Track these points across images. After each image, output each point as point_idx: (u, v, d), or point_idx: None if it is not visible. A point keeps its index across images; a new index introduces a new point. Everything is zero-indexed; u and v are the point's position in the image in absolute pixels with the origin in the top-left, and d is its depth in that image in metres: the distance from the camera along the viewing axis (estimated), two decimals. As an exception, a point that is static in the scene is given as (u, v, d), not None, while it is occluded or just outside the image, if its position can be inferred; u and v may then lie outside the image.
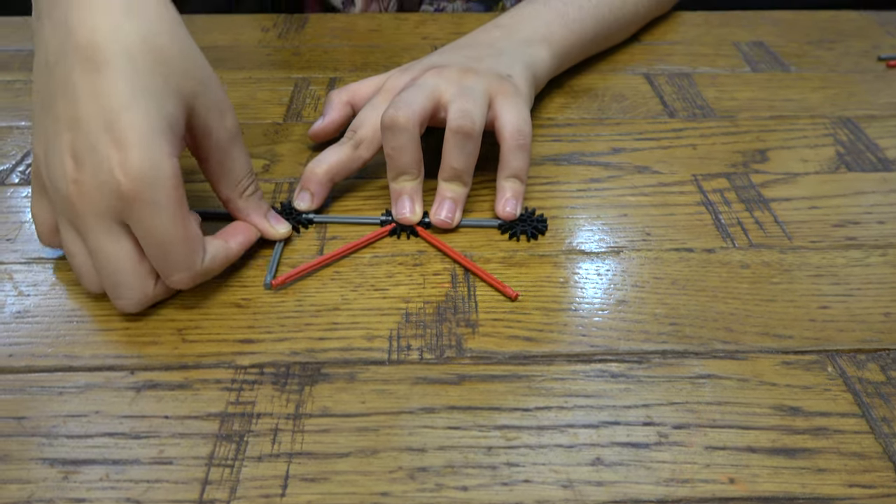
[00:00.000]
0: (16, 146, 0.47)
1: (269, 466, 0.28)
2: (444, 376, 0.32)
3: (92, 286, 0.33)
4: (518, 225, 0.39)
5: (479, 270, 0.36)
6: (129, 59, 0.30)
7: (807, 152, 0.47)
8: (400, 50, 0.60)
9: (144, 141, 0.29)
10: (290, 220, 0.39)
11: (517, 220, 0.40)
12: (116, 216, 0.30)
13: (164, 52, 0.31)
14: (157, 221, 0.30)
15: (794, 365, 0.32)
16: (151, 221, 0.30)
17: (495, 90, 0.41)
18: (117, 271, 0.31)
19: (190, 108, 0.32)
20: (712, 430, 0.29)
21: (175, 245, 0.31)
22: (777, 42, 0.62)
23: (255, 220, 0.37)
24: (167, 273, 0.32)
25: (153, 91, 0.30)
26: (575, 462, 0.28)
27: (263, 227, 0.37)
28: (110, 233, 0.31)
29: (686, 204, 0.42)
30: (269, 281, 0.36)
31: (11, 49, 0.60)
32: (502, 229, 0.40)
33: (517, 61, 0.46)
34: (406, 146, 0.38)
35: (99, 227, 0.30)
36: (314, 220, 0.40)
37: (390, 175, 0.40)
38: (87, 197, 0.30)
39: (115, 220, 0.30)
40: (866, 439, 0.29)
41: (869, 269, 0.37)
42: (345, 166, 0.41)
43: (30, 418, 0.30)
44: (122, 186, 0.29)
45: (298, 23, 0.65)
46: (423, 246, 0.39)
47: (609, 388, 0.31)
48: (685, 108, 0.52)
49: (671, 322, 0.34)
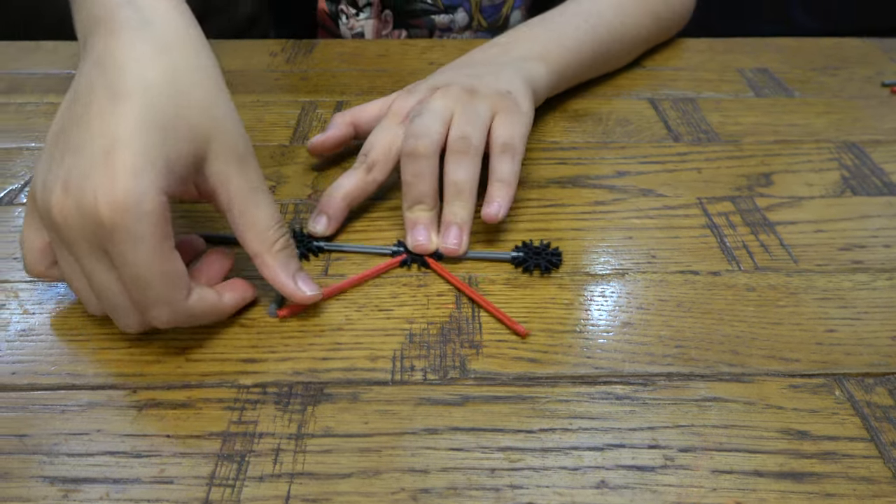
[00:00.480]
0: (25, 167, 0.48)
1: (271, 486, 0.28)
2: (447, 397, 0.31)
3: (93, 309, 0.33)
4: (532, 258, 0.39)
5: (489, 305, 0.36)
6: (146, 94, 0.30)
7: (812, 176, 0.47)
8: (407, 75, 0.61)
9: (134, 172, 0.29)
10: (301, 248, 0.39)
11: (531, 254, 0.39)
12: (100, 245, 0.30)
13: (184, 93, 0.31)
14: (135, 254, 0.29)
15: (801, 388, 0.32)
16: (129, 254, 0.29)
17: (497, 107, 0.42)
18: (112, 297, 0.31)
19: (203, 152, 0.32)
20: (719, 453, 0.29)
21: (152, 280, 0.30)
22: (781, 68, 0.62)
23: (282, 280, 0.34)
24: (144, 308, 0.31)
25: (161, 126, 0.30)
26: (579, 485, 0.28)
27: (289, 288, 0.34)
28: (101, 260, 0.30)
29: (691, 227, 0.42)
30: (275, 311, 0.35)
31: (24, 72, 0.61)
32: (515, 263, 0.39)
33: (516, 76, 0.46)
34: (425, 173, 0.39)
35: (90, 254, 0.30)
36: (324, 248, 0.40)
37: (406, 203, 0.40)
38: (69, 221, 0.29)
39: (100, 247, 0.30)
40: (875, 464, 0.29)
41: (875, 292, 0.37)
42: (361, 190, 0.41)
43: (31, 436, 0.29)
44: (101, 215, 0.28)
45: (307, 48, 0.66)
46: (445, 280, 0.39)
47: (614, 411, 0.31)
48: (690, 133, 0.52)
49: (676, 344, 0.34)
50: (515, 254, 0.39)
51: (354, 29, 0.71)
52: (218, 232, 0.40)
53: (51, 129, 0.32)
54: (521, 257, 0.39)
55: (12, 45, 0.66)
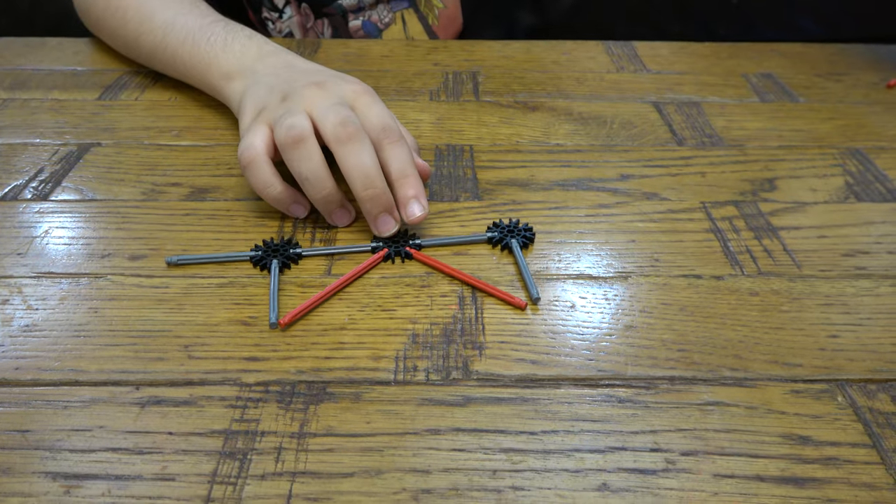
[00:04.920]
0: (30, 162, 0.48)
1: (272, 485, 0.28)
2: (449, 398, 0.31)
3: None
4: (507, 236, 0.40)
5: (483, 284, 0.36)
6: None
7: (816, 182, 0.47)
8: (411, 76, 0.61)
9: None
10: (279, 257, 0.39)
11: (505, 232, 0.41)
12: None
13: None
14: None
15: (803, 394, 0.32)
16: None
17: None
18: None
19: None
20: (720, 457, 0.29)
21: None
22: (785, 74, 0.62)
23: None
24: None
25: None
26: (581, 487, 0.28)
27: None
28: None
29: (695, 231, 0.42)
30: (276, 320, 0.35)
31: (29, 68, 0.61)
32: (493, 242, 0.40)
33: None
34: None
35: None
36: (303, 254, 0.40)
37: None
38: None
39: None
40: (877, 470, 0.29)
41: (879, 298, 0.37)
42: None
43: (34, 431, 0.29)
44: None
45: (312, 48, 0.66)
46: (430, 268, 0.39)
47: (616, 414, 0.31)
48: (694, 137, 0.52)
49: (679, 348, 0.34)
50: (490, 234, 0.41)
51: (283, 31, 0.72)
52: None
53: (254, 92, 0.45)
54: (496, 236, 0.40)
55: (17, 41, 0.66)
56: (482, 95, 0.58)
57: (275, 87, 0.45)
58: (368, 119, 0.41)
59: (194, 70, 0.53)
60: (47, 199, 0.44)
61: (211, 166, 0.48)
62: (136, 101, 0.56)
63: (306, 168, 0.39)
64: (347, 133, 0.39)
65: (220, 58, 0.51)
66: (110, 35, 0.61)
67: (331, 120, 0.39)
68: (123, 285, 0.37)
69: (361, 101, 0.42)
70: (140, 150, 0.50)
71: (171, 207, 0.44)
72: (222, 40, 0.51)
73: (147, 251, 0.40)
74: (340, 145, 0.39)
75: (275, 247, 0.40)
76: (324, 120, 0.40)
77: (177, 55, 0.54)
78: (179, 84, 0.57)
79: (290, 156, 0.39)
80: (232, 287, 0.37)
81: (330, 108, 0.40)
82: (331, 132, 0.39)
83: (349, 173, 0.39)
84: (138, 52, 0.58)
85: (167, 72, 0.57)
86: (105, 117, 0.54)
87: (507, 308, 0.36)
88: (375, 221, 0.40)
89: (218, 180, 0.46)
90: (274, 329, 0.35)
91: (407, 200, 0.40)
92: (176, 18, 0.55)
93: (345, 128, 0.39)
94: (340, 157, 0.39)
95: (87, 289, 0.37)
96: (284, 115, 0.40)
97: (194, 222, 0.42)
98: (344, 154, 0.39)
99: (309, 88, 0.43)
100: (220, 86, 0.51)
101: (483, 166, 0.48)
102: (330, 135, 0.39)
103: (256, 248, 0.40)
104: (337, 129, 0.39)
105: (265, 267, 0.39)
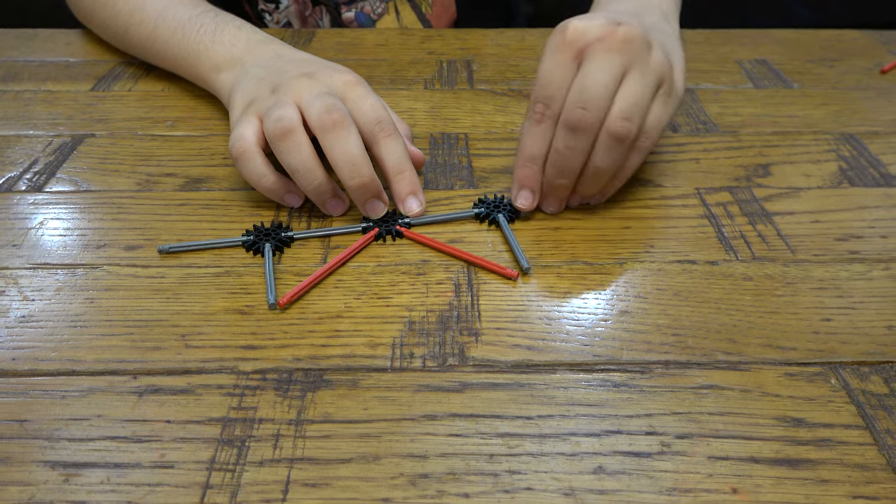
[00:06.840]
0: (24, 154, 0.48)
1: (271, 471, 0.28)
2: (446, 384, 0.31)
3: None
4: (494, 211, 0.41)
5: (474, 257, 0.37)
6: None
7: (809, 167, 0.47)
8: (406, 64, 0.61)
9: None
10: (271, 241, 0.39)
11: (491, 207, 0.42)
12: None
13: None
14: None
15: (797, 377, 0.32)
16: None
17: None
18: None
19: None
20: (715, 440, 0.29)
21: None
22: (780, 60, 0.62)
23: None
24: None
25: None
26: (577, 470, 0.28)
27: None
28: None
29: (689, 217, 0.42)
30: (274, 301, 0.35)
31: (21, 59, 0.61)
32: (480, 218, 0.42)
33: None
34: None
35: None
36: (295, 237, 0.40)
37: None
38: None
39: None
40: (870, 451, 0.29)
41: (872, 282, 0.37)
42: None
43: (32, 421, 0.30)
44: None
45: (306, 37, 0.66)
46: (426, 255, 0.39)
47: (611, 398, 0.31)
48: (688, 123, 0.52)
49: (674, 333, 0.34)
50: (477, 210, 0.42)
51: (280, 22, 0.71)
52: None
53: (245, 85, 0.45)
54: (483, 212, 0.42)
55: (8, 33, 0.65)
56: (477, 84, 0.58)
57: (264, 78, 0.45)
58: (361, 111, 0.41)
59: (184, 62, 0.53)
60: (42, 191, 0.44)
61: (205, 156, 0.48)
62: (130, 91, 0.56)
63: (296, 160, 0.39)
64: (332, 120, 0.39)
65: (209, 49, 0.51)
66: (101, 26, 0.61)
67: (316, 108, 0.39)
68: (119, 275, 0.37)
69: (353, 93, 0.42)
70: (134, 141, 0.50)
71: (166, 198, 0.44)
72: (211, 31, 0.51)
73: (142, 241, 0.40)
74: (326, 133, 0.39)
75: (266, 231, 0.40)
76: (309, 108, 0.40)
77: (167, 46, 0.54)
78: (173, 74, 0.57)
79: (279, 148, 0.39)
80: (228, 276, 0.37)
81: (316, 97, 0.40)
82: (316, 120, 0.39)
83: (335, 162, 0.39)
84: (129, 44, 0.58)
85: (158, 63, 0.56)
86: (98, 108, 0.54)
87: (503, 294, 0.36)
88: (364, 207, 0.41)
89: (212, 170, 0.46)
90: (273, 310, 0.35)
91: (404, 196, 0.41)
92: (166, 9, 0.54)
93: (329, 114, 0.39)
94: (326, 146, 0.39)
95: (83, 279, 0.37)
96: (273, 106, 0.40)
97: (189, 212, 0.42)
98: (330, 142, 0.39)
99: (298, 79, 0.43)
100: (210, 77, 0.50)
101: (478, 154, 0.48)
102: (315, 123, 0.39)
103: (247, 232, 0.40)
104: (322, 117, 0.39)
105: (258, 251, 0.39)
